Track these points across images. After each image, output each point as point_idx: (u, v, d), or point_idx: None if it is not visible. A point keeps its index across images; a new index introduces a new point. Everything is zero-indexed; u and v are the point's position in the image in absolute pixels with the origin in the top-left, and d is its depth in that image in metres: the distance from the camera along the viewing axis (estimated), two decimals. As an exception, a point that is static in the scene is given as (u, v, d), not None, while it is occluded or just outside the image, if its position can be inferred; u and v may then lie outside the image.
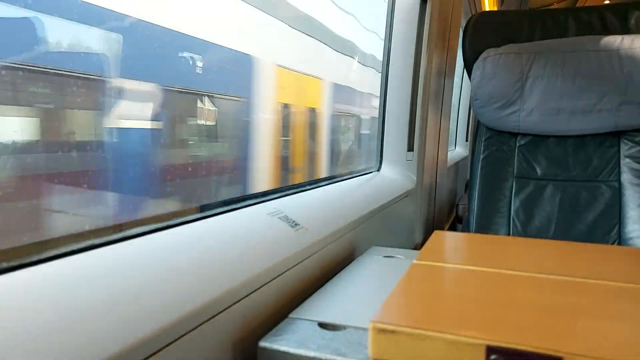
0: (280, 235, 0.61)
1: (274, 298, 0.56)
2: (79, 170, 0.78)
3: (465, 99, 2.93)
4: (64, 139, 0.76)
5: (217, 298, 0.46)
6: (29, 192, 0.67)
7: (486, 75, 1.32)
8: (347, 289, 0.63)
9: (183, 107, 1.09)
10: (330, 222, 0.77)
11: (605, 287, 0.49)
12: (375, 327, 0.40)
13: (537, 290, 0.49)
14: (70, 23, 0.73)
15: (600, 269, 0.56)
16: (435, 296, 0.47)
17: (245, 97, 1.41)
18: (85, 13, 0.76)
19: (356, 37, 2.40)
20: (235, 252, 0.53)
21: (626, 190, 1.24)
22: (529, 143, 1.34)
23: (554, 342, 0.35)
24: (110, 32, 0.82)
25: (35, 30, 0.66)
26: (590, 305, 0.44)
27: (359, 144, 2.67)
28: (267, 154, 1.50)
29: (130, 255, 0.45)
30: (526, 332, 0.37)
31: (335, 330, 0.49)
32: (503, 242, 0.71)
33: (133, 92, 0.91)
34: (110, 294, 0.38)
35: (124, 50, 0.85)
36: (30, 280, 0.36)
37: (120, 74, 0.86)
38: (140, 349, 0.36)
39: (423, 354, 0.38)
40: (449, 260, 0.59)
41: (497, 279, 0.52)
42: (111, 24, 0.83)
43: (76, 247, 0.43)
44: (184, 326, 0.41)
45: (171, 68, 1.05)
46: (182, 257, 0.48)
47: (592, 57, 1.24)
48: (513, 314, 0.41)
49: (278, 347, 0.46)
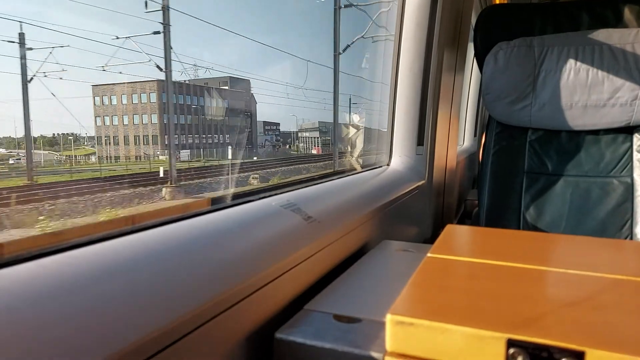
0: (294, 227, 0.61)
1: (289, 290, 0.56)
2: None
3: (474, 93, 2.91)
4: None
5: (233, 290, 0.46)
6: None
7: (498, 69, 1.31)
8: (361, 282, 0.63)
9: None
10: (342, 215, 0.76)
11: (621, 281, 0.48)
12: (393, 319, 0.40)
13: (552, 284, 0.49)
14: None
15: (616, 264, 0.55)
16: (451, 289, 0.47)
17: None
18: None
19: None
20: (250, 244, 0.53)
21: (639, 186, 1.22)
22: (541, 138, 1.33)
23: (576, 337, 0.35)
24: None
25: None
26: (609, 300, 0.43)
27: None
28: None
29: (145, 247, 0.45)
30: (547, 326, 0.37)
31: (350, 323, 0.49)
32: (515, 236, 0.70)
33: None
34: (127, 285, 0.38)
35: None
36: (50, 269, 0.36)
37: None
38: (158, 340, 0.36)
39: (441, 346, 0.38)
40: (463, 254, 0.59)
41: (511, 272, 0.52)
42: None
43: (93, 238, 0.43)
44: (200, 318, 0.41)
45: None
46: (197, 249, 0.48)
47: (605, 51, 1.23)
48: (531, 308, 0.41)
49: (294, 339, 0.46)
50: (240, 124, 6.89)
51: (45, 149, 26.49)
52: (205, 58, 59.25)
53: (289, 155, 18.13)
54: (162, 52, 8.44)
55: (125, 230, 0.47)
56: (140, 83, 16.68)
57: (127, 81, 17.06)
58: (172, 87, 7.87)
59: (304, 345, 0.45)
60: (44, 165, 17.58)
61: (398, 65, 1.28)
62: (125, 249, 0.43)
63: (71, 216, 4.89)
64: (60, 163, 19.73)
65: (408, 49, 1.27)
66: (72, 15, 38.68)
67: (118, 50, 14.25)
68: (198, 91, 15.41)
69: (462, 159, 2.20)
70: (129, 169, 13.56)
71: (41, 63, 9.13)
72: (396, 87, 1.28)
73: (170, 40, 8.30)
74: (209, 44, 53.32)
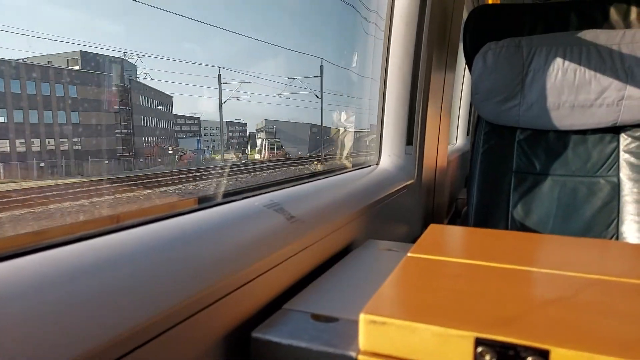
0: (276, 227, 0.62)
1: (268, 289, 0.56)
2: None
3: (467, 92, 2.92)
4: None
5: (210, 289, 0.46)
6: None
7: (487, 69, 1.32)
8: (342, 281, 0.63)
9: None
10: (327, 215, 0.77)
11: (600, 281, 0.49)
12: (366, 319, 0.40)
13: (529, 284, 0.49)
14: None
15: (597, 264, 0.56)
16: (427, 289, 0.47)
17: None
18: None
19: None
20: (229, 244, 0.53)
21: (625, 185, 1.23)
22: (529, 138, 1.34)
23: (542, 336, 0.36)
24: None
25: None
26: (582, 300, 0.44)
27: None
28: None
29: (123, 247, 0.45)
30: (514, 325, 0.38)
31: (327, 322, 0.50)
32: (498, 236, 0.71)
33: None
34: (102, 284, 0.38)
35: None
36: (25, 269, 0.37)
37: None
38: (131, 339, 0.37)
39: (412, 345, 0.39)
40: (443, 254, 0.60)
41: (489, 272, 0.52)
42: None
43: (70, 238, 0.44)
44: (176, 317, 0.41)
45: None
46: (176, 248, 0.48)
47: (593, 52, 1.24)
48: (503, 307, 0.42)
49: (270, 338, 0.46)
50: (103, 121, 5.05)
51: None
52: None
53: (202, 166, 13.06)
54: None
55: (106, 230, 0.48)
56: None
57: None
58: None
59: (280, 345, 0.46)
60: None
61: (387, 64, 1.28)
62: (103, 249, 0.44)
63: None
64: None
65: (397, 48, 1.27)
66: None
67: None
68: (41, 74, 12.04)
69: (454, 157, 2.21)
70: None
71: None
72: (385, 86, 1.29)
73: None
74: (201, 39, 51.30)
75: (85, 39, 7.55)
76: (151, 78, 7.60)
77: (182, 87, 10.85)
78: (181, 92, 17.37)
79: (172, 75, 12.01)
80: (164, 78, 8.15)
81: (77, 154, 5.00)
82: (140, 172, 5.66)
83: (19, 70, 4.13)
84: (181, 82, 12.79)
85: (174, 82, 9.51)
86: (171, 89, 20.70)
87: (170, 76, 16.11)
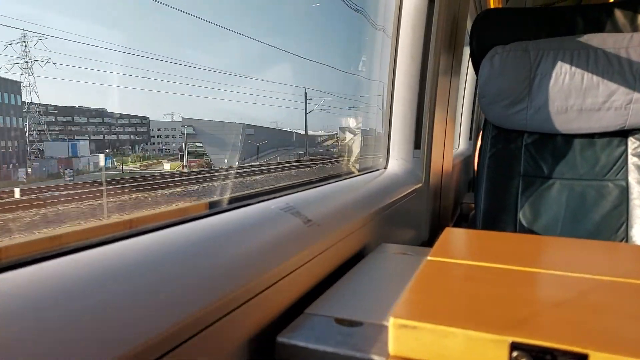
0: (293, 231, 0.61)
1: (289, 294, 0.56)
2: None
3: (469, 97, 2.93)
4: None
5: (234, 294, 0.45)
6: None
7: (494, 73, 1.32)
8: (361, 285, 0.63)
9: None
10: (341, 218, 0.76)
11: (618, 284, 0.49)
12: (396, 323, 0.40)
13: (550, 286, 0.49)
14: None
15: (614, 266, 0.55)
16: (453, 292, 0.47)
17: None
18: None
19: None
20: (249, 248, 0.53)
21: (634, 189, 1.23)
22: (536, 141, 1.34)
23: (579, 340, 0.35)
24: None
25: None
26: (607, 302, 0.44)
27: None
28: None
29: (145, 251, 0.44)
30: (550, 329, 0.37)
31: (352, 326, 0.49)
32: (513, 239, 0.70)
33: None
34: (128, 289, 0.38)
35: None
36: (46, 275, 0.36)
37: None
38: (156, 347, 0.36)
39: (444, 349, 0.38)
40: (462, 257, 0.59)
41: (510, 275, 0.52)
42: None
43: (92, 242, 0.43)
44: (201, 322, 0.41)
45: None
46: (196, 252, 0.47)
47: (600, 55, 1.24)
48: (532, 311, 0.41)
49: (296, 343, 0.46)
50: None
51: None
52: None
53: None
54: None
55: (125, 234, 0.47)
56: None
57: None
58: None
59: (306, 349, 0.45)
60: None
61: (395, 69, 1.28)
62: (125, 253, 0.43)
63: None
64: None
65: (405, 53, 1.27)
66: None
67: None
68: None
69: (457, 162, 2.21)
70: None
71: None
72: (393, 91, 1.29)
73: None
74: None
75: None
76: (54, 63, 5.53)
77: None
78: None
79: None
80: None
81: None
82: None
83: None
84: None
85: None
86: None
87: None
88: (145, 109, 22.57)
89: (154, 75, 10.30)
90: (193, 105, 22.08)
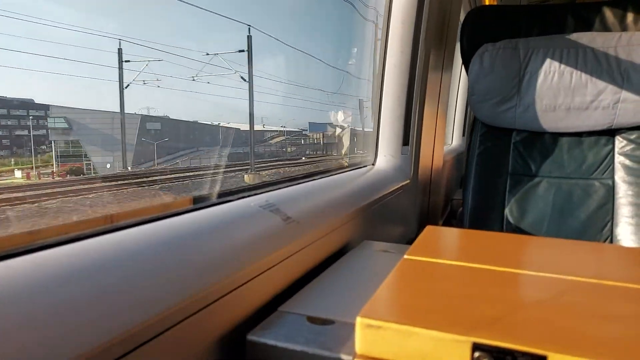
0: (271, 228, 0.61)
1: (264, 292, 0.56)
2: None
3: (463, 93, 2.93)
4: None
5: (205, 291, 0.45)
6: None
7: (483, 70, 1.32)
8: (337, 283, 0.63)
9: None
10: (323, 215, 0.76)
11: (596, 285, 0.49)
12: (362, 322, 0.40)
13: (526, 287, 0.49)
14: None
15: (592, 267, 0.56)
16: (424, 292, 0.47)
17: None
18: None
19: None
20: (225, 245, 0.53)
21: (620, 188, 1.24)
22: (525, 140, 1.34)
23: (539, 341, 0.35)
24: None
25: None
26: (579, 304, 0.44)
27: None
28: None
29: (118, 247, 0.44)
30: (512, 330, 0.37)
31: (323, 325, 0.50)
32: (495, 238, 0.71)
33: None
34: (95, 287, 0.38)
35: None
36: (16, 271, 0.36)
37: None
38: (125, 342, 0.36)
39: (409, 350, 0.38)
40: (440, 256, 0.59)
41: (486, 275, 0.52)
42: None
43: (64, 238, 0.43)
44: (171, 319, 0.41)
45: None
46: (171, 249, 0.47)
47: (589, 54, 1.24)
48: (499, 312, 0.41)
49: (265, 341, 0.46)
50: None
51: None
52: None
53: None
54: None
55: (100, 230, 0.47)
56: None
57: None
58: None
59: (276, 348, 0.45)
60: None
61: (384, 64, 1.28)
62: (97, 250, 0.43)
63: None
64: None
65: (395, 48, 1.27)
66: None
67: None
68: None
69: (449, 158, 2.21)
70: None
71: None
72: (382, 86, 1.29)
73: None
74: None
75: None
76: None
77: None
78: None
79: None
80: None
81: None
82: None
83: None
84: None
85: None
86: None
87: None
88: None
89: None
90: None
